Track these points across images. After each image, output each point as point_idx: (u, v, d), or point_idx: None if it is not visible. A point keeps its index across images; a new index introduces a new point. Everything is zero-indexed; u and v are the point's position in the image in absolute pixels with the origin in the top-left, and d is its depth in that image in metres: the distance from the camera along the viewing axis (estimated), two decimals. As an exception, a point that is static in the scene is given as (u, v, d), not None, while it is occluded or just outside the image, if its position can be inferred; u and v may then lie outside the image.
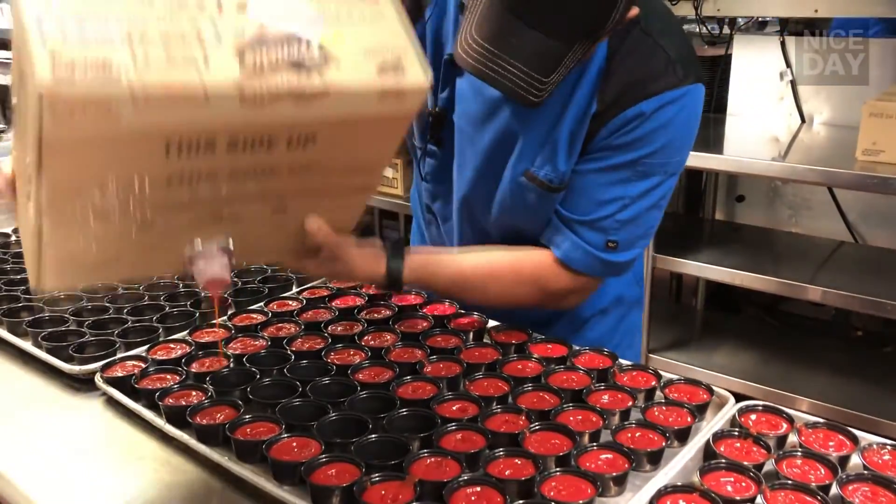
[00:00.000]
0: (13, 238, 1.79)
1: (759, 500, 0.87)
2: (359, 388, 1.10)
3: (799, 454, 0.97)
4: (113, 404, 1.15)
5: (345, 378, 1.13)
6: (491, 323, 1.34)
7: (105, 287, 1.50)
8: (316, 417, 1.02)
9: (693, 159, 1.26)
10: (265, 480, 0.95)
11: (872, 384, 2.47)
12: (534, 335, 1.29)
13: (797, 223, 2.94)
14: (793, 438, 1.02)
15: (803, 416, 1.06)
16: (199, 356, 1.22)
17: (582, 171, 1.22)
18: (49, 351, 1.25)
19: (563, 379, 1.15)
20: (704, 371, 2.53)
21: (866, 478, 0.92)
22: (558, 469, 0.93)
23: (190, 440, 1.03)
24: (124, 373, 1.18)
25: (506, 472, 0.93)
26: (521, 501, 0.88)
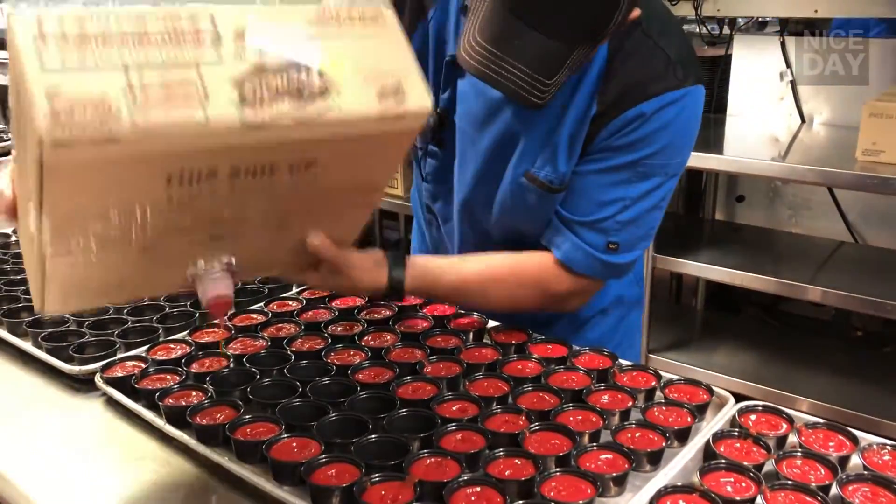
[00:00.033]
0: (13, 238, 1.79)
1: (759, 501, 0.87)
2: (359, 389, 1.10)
3: (799, 454, 0.97)
4: (113, 404, 1.15)
5: (345, 378, 1.13)
6: (491, 323, 1.34)
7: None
8: (316, 418, 1.02)
9: (693, 159, 1.26)
10: (265, 481, 0.95)
11: (872, 384, 2.47)
12: (533, 335, 1.29)
13: (797, 223, 2.93)
14: (793, 439, 1.02)
15: (803, 417, 1.06)
16: (199, 356, 1.22)
17: (582, 173, 1.21)
18: (49, 351, 1.25)
19: (563, 379, 1.15)
20: (704, 371, 2.53)
21: (866, 478, 0.92)
22: (558, 469, 0.93)
23: (190, 440, 1.03)
24: (124, 373, 1.18)
25: (506, 473, 0.93)
26: (521, 502, 0.88)
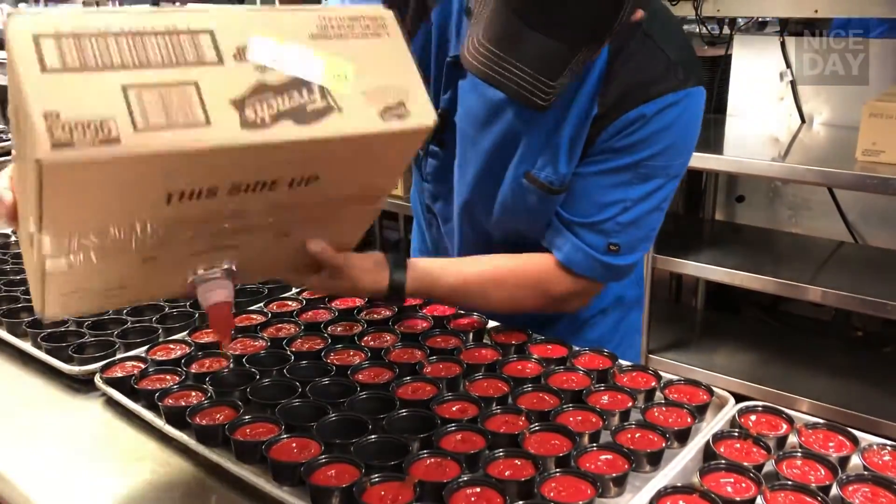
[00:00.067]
0: (13, 238, 1.78)
1: (759, 501, 0.87)
2: (358, 389, 1.10)
3: (799, 455, 0.97)
4: (112, 405, 1.15)
5: (344, 378, 1.13)
6: (491, 323, 1.34)
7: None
8: (315, 418, 1.02)
9: (693, 159, 1.26)
10: (265, 481, 0.95)
11: (872, 385, 2.47)
12: (533, 336, 1.28)
13: (797, 223, 2.93)
14: (793, 439, 1.02)
15: (803, 417, 1.06)
16: (199, 357, 1.22)
17: (583, 174, 1.21)
18: (48, 352, 1.25)
19: (563, 379, 1.15)
20: (704, 371, 2.54)
21: (866, 478, 0.92)
22: (558, 470, 0.93)
23: (189, 441, 1.03)
24: (124, 373, 1.18)
25: (506, 473, 0.93)
26: (521, 502, 0.88)
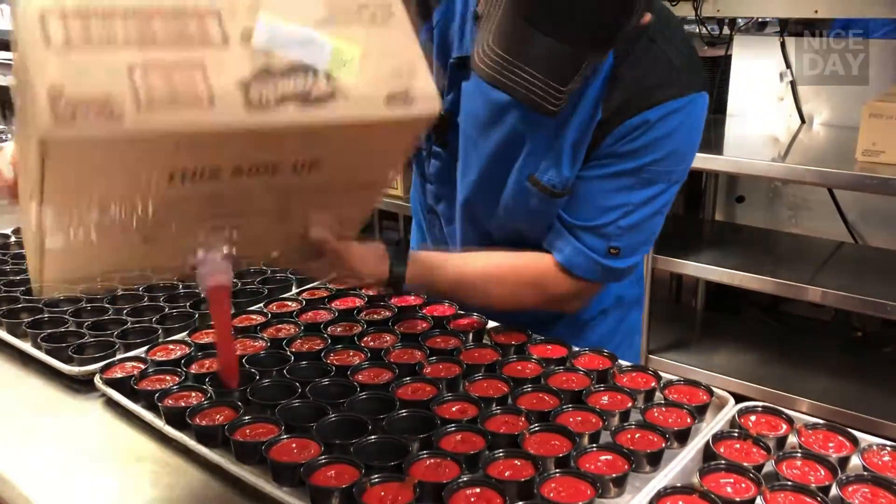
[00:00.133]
0: (13, 239, 1.78)
1: (759, 502, 0.87)
2: (358, 389, 1.10)
3: (799, 455, 0.97)
4: (112, 405, 1.15)
5: (344, 379, 1.13)
6: (490, 324, 1.34)
7: (104, 288, 1.50)
8: (315, 418, 1.02)
9: (693, 160, 1.26)
10: (265, 482, 0.95)
11: (872, 385, 2.47)
12: (533, 336, 1.28)
13: (797, 224, 2.93)
14: (792, 439, 1.02)
15: (803, 417, 1.06)
16: (199, 357, 1.22)
17: (586, 178, 1.22)
18: (48, 352, 1.25)
19: (563, 380, 1.15)
20: (704, 372, 2.53)
21: (866, 479, 0.92)
22: (558, 470, 0.93)
23: (189, 441, 1.03)
24: (123, 374, 1.18)
25: (505, 474, 0.93)
26: (521, 503, 0.88)
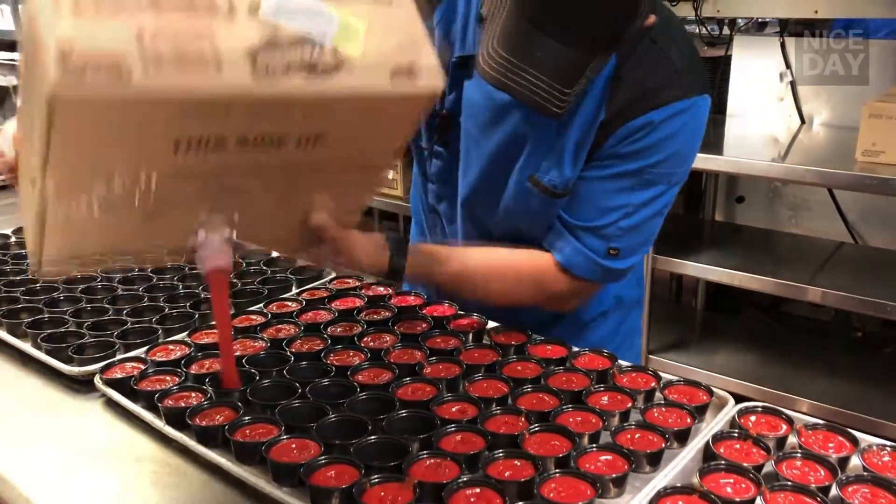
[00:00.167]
0: (13, 239, 1.78)
1: (759, 502, 0.87)
2: (358, 390, 1.10)
3: (799, 455, 0.97)
4: (112, 406, 1.15)
5: (344, 379, 1.13)
6: (490, 324, 1.34)
7: (104, 288, 1.50)
8: (315, 419, 1.02)
9: (694, 162, 1.26)
10: (265, 482, 0.95)
11: (872, 385, 2.47)
12: (533, 336, 1.28)
13: (797, 224, 2.93)
14: (792, 440, 1.02)
15: (803, 418, 1.06)
16: (199, 357, 1.22)
17: (587, 178, 1.22)
18: (48, 352, 1.25)
19: (563, 380, 1.15)
20: (704, 372, 2.53)
21: (866, 479, 0.92)
22: (558, 470, 0.93)
23: (189, 442, 1.03)
24: (123, 374, 1.18)
25: (505, 474, 0.93)
26: (521, 503, 0.88)
